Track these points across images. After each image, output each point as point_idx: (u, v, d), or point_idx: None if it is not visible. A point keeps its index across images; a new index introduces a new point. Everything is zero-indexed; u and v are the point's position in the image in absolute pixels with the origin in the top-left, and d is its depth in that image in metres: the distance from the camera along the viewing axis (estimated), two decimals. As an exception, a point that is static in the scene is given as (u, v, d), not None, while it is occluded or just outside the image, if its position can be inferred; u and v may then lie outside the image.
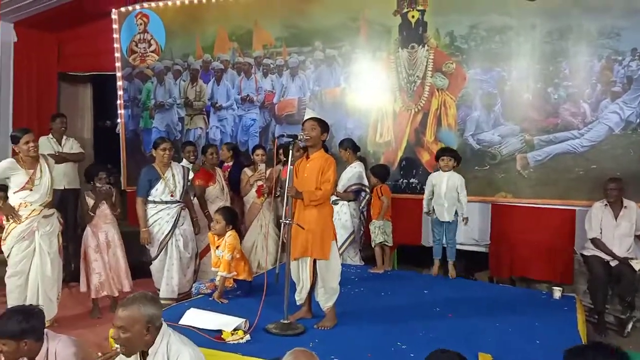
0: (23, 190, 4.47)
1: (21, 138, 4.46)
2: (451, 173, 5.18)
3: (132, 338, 2.44)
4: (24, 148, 4.46)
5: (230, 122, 6.98)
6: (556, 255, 5.34)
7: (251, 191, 6.00)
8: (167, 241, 5.05)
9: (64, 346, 2.85)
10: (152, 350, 2.50)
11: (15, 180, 4.48)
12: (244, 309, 3.98)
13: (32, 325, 2.74)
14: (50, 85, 7.95)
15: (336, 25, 6.26)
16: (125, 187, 7.40)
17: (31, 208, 4.50)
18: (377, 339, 3.63)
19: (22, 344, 2.72)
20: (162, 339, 2.52)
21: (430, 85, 5.83)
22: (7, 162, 4.51)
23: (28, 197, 4.48)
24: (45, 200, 4.57)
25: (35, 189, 4.50)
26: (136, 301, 2.48)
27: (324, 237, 3.78)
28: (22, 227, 4.47)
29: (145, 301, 2.49)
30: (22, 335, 2.70)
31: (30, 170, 4.51)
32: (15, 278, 4.52)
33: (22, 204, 4.48)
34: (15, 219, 4.46)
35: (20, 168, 4.48)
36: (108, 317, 4.95)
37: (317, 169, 3.74)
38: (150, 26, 7.35)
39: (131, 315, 2.44)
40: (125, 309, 2.46)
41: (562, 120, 5.32)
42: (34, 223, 4.52)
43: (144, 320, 2.44)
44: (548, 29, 5.33)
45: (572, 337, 3.68)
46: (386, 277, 5.35)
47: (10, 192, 4.52)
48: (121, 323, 2.43)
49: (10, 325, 2.69)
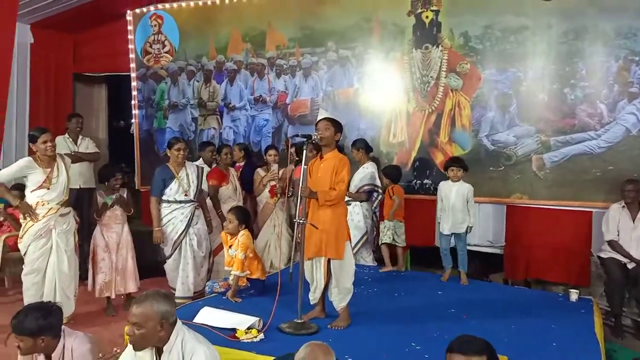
0: (40, 188, 4.50)
1: (39, 137, 4.50)
2: (460, 183, 5.10)
3: (146, 334, 2.44)
4: (41, 147, 4.50)
5: (243, 122, 7.00)
6: (572, 257, 5.29)
7: (264, 191, 6.01)
8: (181, 240, 5.06)
9: (80, 343, 2.87)
10: (166, 347, 2.51)
11: (32, 179, 4.51)
12: (257, 308, 3.97)
13: (49, 322, 2.76)
14: (66, 86, 8.03)
15: (349, 26, 6.26)
16: (139, 187, 7.45)
17: (48, 206, 4.54)
18: (391, 339, 3.61)
19: (39, 341, 2.74)
20: (176, 337, 2.52)
21: (444, 85, 5.80)
22: (24, 161, 4.55)
23: (45, 195, 4.52)
24: (62, 198, 4.61)
25: (53, 187, 4.54)
26: (149, 298, 2.49)
27: (338, 237, 3.77)
28: (39, 225, 4.51)
29: (159, 298, 2.50)
30: (40, 333, 2.72)
31: (47, 169, 4.55)
32: (32, 276, 4.55)
33: (39, 202, 4.51)
34: (33, 217, 4.49)
35: (37, 167, 4.52)
36: (122, 315, 4.99)
37: (331, 169, 3.74)
38: (165, 27, 7.40)
39: (145, 312, 2.45)
40: (139, 305, 2.47)
41: (578, 121, 5.26)
42: (51, 221, 4.55)
43: (157, 316, 2.45)
44: (564, 29, 5.28)
45: (589, 340, 3.64)
46: (400, 277, 5.32)
47: (28, 191, 4.56)
48: (135, 320, 2.44)
49: (28, 323, 2.71)
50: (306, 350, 2.30)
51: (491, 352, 2.12)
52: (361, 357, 3.27)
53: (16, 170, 4.53)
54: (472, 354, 2.08)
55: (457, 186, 5.09)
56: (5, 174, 4.55)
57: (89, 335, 3.00)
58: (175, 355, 2.51)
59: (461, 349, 2.10)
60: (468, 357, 2.08)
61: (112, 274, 5.07)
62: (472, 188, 5.09)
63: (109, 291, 5.07)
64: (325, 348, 2.33)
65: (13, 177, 4.61)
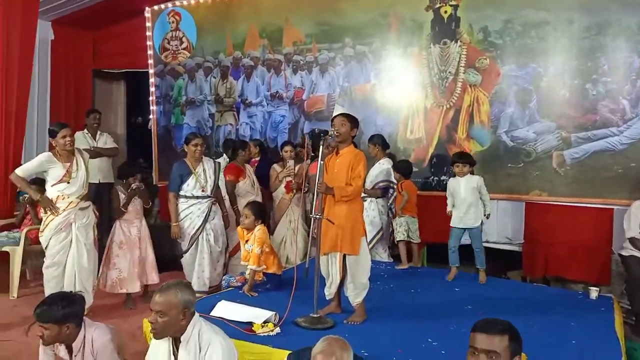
0: (60, 183, 4.54)
1: (58, 132, 4.54)
2: (468, 177, 5.01)
3: (169, 322, 2.51)
4: (60, 142, 4.54)
5: (259, 118, 7.02)
6: (593, 255, 5.20)
7: (280, 187, 6.01)
8: (198, 235, 5.09)
9: (101, 333, 2.92)
10: (184, 337, 2.56)
11: (52, 173, 4.55)
12: (273, 302, 3.98)
13: (74, 310, 2.83)
14: (86, 82, 8.13)
15: (367, 22, 6.23)
16: (157, 182, 7.50)
17: (68, 200, 4.57)
18: (408, 335, 3.59)
19: (65, 328, 2.79)
20: (193, 327, 2.58)
21: (463, 81, 5.74)
22: (44, 156, 4.60)
23: (65, 189, 4.56)
24: (81, 192, 4.64)
25: (72, 181, 4.58)
26: (173, 287, 2.56)
27: (354, 232, 3.76)
28: (59, 219, 4.55)
29: (182, 287, 2.58)
30: (65, 320, 2.78)
31: (66, 163, 4.58)
32: (52, 269, 4.61)
33: (59, 196, 4.55)
34: (53, 211, 4.54)
35: (57, 162, 4.56)
36: (141, 308, 5.04)
37: (347, 165, 3.73)
38: (182, 24, 7.44)
39: (168, 300, 2.52)
40: (163, 294, 2.54)
41: (600, 117, 5.17)
42: (71, 215, 4.59)
43: (181, 305, 2.52)
44: (586, 23, 5.20)
45: (609, 339, 3.60)
46: (416, 274, 5.29)
47: (48, 185, 4.60)
48: (159, 308, 2.51)
49: (55, 311, 2.76)
50: (324, 344, 2.31)
51: (513, 333, 2.14)
52: (377, 352, 3.25)
53: (36, 165, 4.57)
54: (494, 333, 2.11)
55: (465, 180, 5.00)
56: (26, 168, 4.60)
57: (109, 327, 3.05)
58: (192, 345, 2.56)
59: (484, 329, 2.13)
60: (490, 336, 2.10)
61: (132, 269, 5.08)
62: (481, 179, 5.00)
63: (125, 287, 5.07)
64: (343, 342, 2.34)
65: (33, 171, 4.64)
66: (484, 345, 2.09)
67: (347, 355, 2.30)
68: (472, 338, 2.15)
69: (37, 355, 3.08)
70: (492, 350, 2.08)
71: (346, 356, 2.29)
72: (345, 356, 2.28)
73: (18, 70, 5.96)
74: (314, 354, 2.30)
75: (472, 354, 2.13)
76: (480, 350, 2.10)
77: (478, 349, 2.11)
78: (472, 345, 2.13)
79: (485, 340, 2.10)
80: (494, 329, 2.12)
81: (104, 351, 2.87)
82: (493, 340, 2.09)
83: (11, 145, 5.96)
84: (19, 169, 4.62)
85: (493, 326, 2.14)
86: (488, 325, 2.15)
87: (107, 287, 5.05)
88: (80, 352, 2.88)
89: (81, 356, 2.89)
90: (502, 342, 2.09)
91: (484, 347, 2.09)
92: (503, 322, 2.17)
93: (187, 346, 2.56)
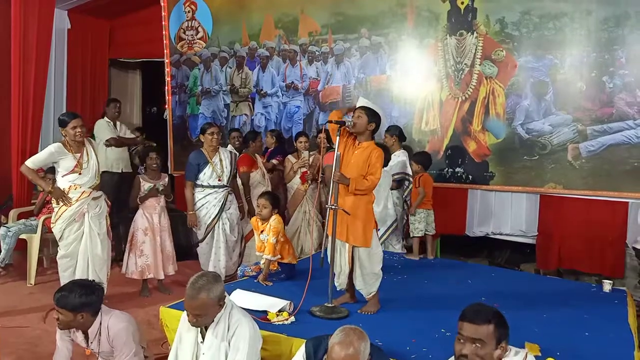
0: (72, 173, 4.52)
1: (69, 122, 4.49)
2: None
3: (208, 317, 2.67)
4: (70, 132, 4.49)
5: (274, 109, 7.04)
6: (607, 248, 5.20)
7: (295, 178, 6.04)
8: (214, 225, 5.15)
9: (117, 320, 2.97)
10: (215, 318, 2.69)
11: (63, 164, 4.52)
12: (288, 292, 4.02)
13: (91, 299, 2.87)
14: (102, 71, 8.20)
15: (383, 12, 6.21)
16: (172, 172, 7.56)
17: (80, 190, 4.56)
18: (421, 325, 3.62)
19: (79, 316, 2.84)
20: (224, 309, 2.71)
21: (479, 73, 5.72)
22: (54, 147, 4.53)
23: (77, 180, 4.53)
24: (94, 182, 4.63)
25: (84, 172, 4.56)
26: (203, 289, 2.63)
27: (366, 224, 3.76)
28: (72, 209, 4.54)
29: (211, 285, 2.65)
30: (81, 308, 2.83)
31: (77, 154, 4.55)
32: (67, 259, 4.64)
33: (71, 186, 4.54)
34: (66, 202, 4.53)
35: (67, 152, 4.52)
36: (157, 296, 5.11)
37: (365, 159, 3.72)
38: (198, 14, 7.45)
39: (203, 303, 2.62)
40: (195, 299, 2.62)
41: (617, 110, 5.14)
42: (84, 205, 4.59)
43: (215, 301, 2.65)
44: (604, 15, 5.15)
45: (622, 331, 3.60)
46: (430, 265, 5.31)
47: (59, 176, 4.57)
48: (197, 312, 2.63)
49: (72, 298, 2.82)
50: (341, 334, 2.34)
51: (499, 320, 2.21)
52: (391, 342, 3.28)
53: (46, 156, 4.53)
54: (481, 322, 2.18)
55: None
56: (36, 160, 4.56)
57: (125, 314, 3.10)
58: (222, 325, 2.69)
59: (470, 318, 2.21)
60: (476, 326, 2.18)
61: (157, 255, 5.11)
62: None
63: (153, 272, 5.09)
64: (360, 332, 2.37)
65: (43, 163, 4.63)
66: (470, 334, 2.18)
67: (364, 345, 2.33)
68: (460, 326, 2.23)
69: (54, 342, 3.14)
70: (478, 338, 2.16)
71: (364, 346, 2.32)
72: (362, 346, 2.32)
73: (35, 60, 6.01)
74: (331, 344, 2.33)
75: (459, 340, 2.22)
76: (466, 339, 2.19)
77: (464, 337, 2.19)
78: (460, 332, 2.22)
79: (471, 328, 2.18)
80: (479, 318, 2.19)
81: (120, 338, 2.92)
82: (479, 329, 2.17)
83: (28, 135, 6.02)
84: (28, 160, 4.58)
85: (479, 315, 2.21)
86: (474, 314, 2.22)
87: (135, 273, 5.05)
88: (97, 339, 2.94)
89: (97, 342, 2.95)
90: (487, 330, 2.17)
91: (470, 336, 2.17)
92: (489, 310, 2.24)
93: (216, 326, 2.68)
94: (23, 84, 5.93)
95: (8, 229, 5.48)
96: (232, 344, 2.66)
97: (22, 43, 5.88)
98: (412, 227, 5.45)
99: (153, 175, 5.20)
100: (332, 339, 2.36)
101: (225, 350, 2.67)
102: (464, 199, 5.56)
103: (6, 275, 5.59)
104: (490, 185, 5.73)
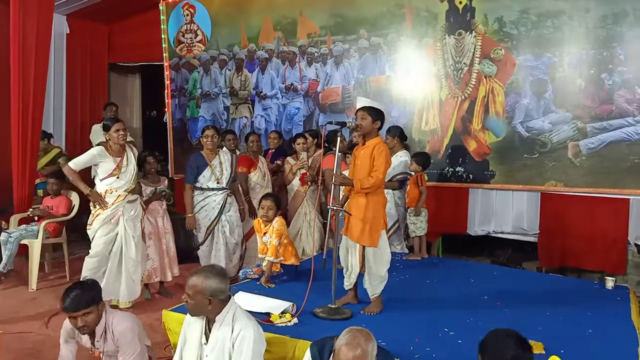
0: (110, 176, 4.62)
1: (112, 126, 4.62)
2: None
3: (195, 305, 2.64)
4: (114, 135, 4.62)
5: (274, 111, 7.04)
6: (609, 245, 5.20)
7: (294, 180, 6.03)
8: (214, 227, 5.14)
9: (121, 319, 3.00)
10: (218, 318, 2.68)
11: (103, 167, 4.63)
12: (290, 294, 4.01)
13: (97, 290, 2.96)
14: (101, 76, 8.21)
15: (381, 13, 6.22)
16: (172, 175, 7.57)
17: (117, 194, 4.64)
18: (424, 324, 3.62)
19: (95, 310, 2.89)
20: (229, 310, 2.69)
21: (478, 72, 5.73)
22: (96, 150, 4.65)
23: (114, 183, 4.63)
24: (130, 186, 4.71)
25: (122, 176, 4.66)
26: (203, 273, 2.66)
27: (374, 224, 3.76)
28: (107, 212, 4.63)
29: (211, 275, 2.65)
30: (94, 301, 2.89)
31: (117, 157, 4.66)
32: (95, 259, 4.67)
33: (107, 190, 4.63)
34: (102, 205, 4.61)
35: (108, 155, 4.63)
36: (159, 300, 5.10)
37: (369, 156, 3.74)
38: (197, 17, 7.46)
39: (195, 284, 2.62)
40: (193, 277, 2.66)
41: (616, 107, 5.14)
42: (120, 208, 4.66)
43: (206, 292, 2.61)
44: (602, 12, 5.15)
45: (625, 328, 3.61)
46: (432, 265, 5.31)
47: (97, 179, 4.67)
48: (188, 290, 2.64)
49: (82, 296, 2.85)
50: (348, 336, 2.33)
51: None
52: (395, 342, 3.27)
53: (88, 158, 4.64)
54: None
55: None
56: (78, 162, 4.65)
57: (130, 314, 3.13)
58: (225, 328, 2.67)
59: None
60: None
61: (163, 258, 5.13)
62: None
63: (160, 275, 5.12)
64: (367, 333, 2.36)
65: (85, 165, 4.70)
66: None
67: (372, 346, 2.32)
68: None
69: (57, 347, 3.13)
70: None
71: (371, 347, 2.32)
72: (370, 347, 2.31)
73: (34, 65, 5.98)
74: (338, 346, 2.32)
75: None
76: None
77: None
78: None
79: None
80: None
81: (125, 337, 2.94)
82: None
83: (28, 141, 5.99)
84: (71, 162, 4.68)
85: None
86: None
87: (143, 277, 5.02)
88: (103, 337, 2.96)
89: (103, 341, 2.96)
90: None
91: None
92: (510, 345, 2.21)
93: (220, 328, 2.67)
94: (22, 90, 5.92)
95: (9, 235, 5.47)
96: (236, 346, 2.66)
97: (21, 48, 5.86)
98: (413, 227, 5.43)
99: (152, 179, 5.21)
100: (338, 340, 2.35)
101: (229, 353, 2.67)
102: (465, 198, 5.55)
103: (8, 280, 5.58)
104: (491, 184, 5.73)
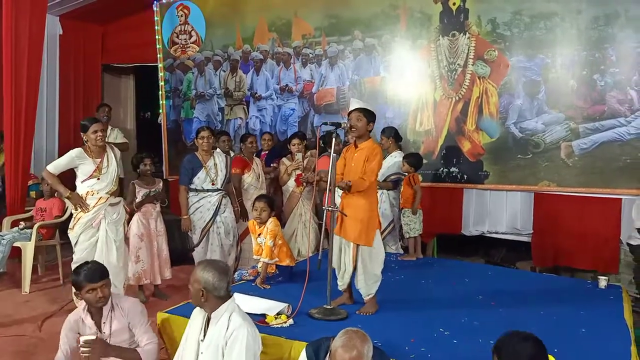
0: (90, 178, 4.50)
1: (90, 127, 4.46)
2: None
3: (192, 293, 2.71)
4: (92, 137, 4.47)
5: (269, 112, 7.05)
6: (602, 244, 5.24)
7: (290, 181, 6.03)
8: (209, 229, 5.15)
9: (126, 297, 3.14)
10: (215, 314, 2.71)
11: (83, 169, 4.51)
12: (286, 295, 4.00)
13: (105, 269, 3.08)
14: (95, 77, 8.17)
15: (376, 14, 6.24)
16: (167, 176, 7.56)
17: (98, 196, 4.53)
18: (420, 325, 3.63)
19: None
20: (226, 309, 2.71)
21: (472, 73, 5.76)
22: (74, 152, 4.52)
23: (95, 185, 4.51)
24: (111, 188, 4.60)
25: (103, 177, 4.53)
26: (204, 264, 2.74)
27: (369, 224, 3.78)
28: (89, 215, 4.51)
29: (210, 268, 2.70)
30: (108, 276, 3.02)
31: (97, 159, 4.53)
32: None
33: (89, 192, 4.51)
34: (84, 207, 4.50)
35: (87, 157, 4.50)
36: (153, 302, 5.08)
37: (363, 158, 3.76)
38: (191, 17, 7.46)
39: (195, 273, 2.70)
40: (196, 267, 2.75)
41: (608, 108, 5.19)
42: (101, 211, 4.55)
43: (200, 283, 2.66)
44: (594, 14, 5.20)
45: (618, 327, 3.63)
46: (427, 265, 5.32)
47: (78, 181, 4.55)
48: (191, 277, 2.72)
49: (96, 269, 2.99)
50: (344, 337, 2.34)
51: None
52: (390, 342, 3.29)
53: (67, 161, 4.51)
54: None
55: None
56: (57, 165, 4.55)
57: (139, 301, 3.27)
58: (221, 326, 2.69)
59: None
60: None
61: (154, 261, 5.12)
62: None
63: (149, 277, 5.11)
64: (362, 334, 2.37)
65: (64, 168, 4.58)
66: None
67: (367, 347, 2.33)
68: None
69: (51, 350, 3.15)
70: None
71: (367, 348, 2.33)
72: (366, 348, 2.32)
73: (27, 66, 5.98)
74: (334, 347, 2.33)
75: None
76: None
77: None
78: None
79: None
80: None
81: (135, 308, 3.06)
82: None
83: (21, 141, 6.00)
84: (50, 165, 4.57)
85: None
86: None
87: (131, 279, 5.01)
88: (109, 317, 3.00)
89: (110, 321, 3.00)
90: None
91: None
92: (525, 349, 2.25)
93: (217, 324, 2.70)
94: (15, 91, 5.90)
95: (2, 237, 5.46)
96: (228, 345, 2.67)
97: (14, 49, 5.85)
98: (406, 228, 5.45)
99: (147, 181, 5.19)
100: (334, 342, 2.35)
101: (223, 351, 2.68)
102: (460, 198, 5.58)
103: (1, 283, 5.56)
104: (485, 184, 5.77)
